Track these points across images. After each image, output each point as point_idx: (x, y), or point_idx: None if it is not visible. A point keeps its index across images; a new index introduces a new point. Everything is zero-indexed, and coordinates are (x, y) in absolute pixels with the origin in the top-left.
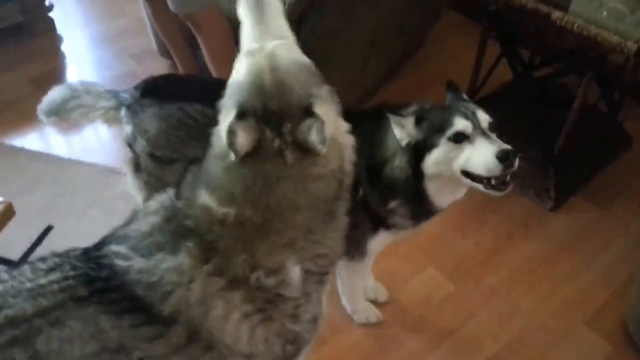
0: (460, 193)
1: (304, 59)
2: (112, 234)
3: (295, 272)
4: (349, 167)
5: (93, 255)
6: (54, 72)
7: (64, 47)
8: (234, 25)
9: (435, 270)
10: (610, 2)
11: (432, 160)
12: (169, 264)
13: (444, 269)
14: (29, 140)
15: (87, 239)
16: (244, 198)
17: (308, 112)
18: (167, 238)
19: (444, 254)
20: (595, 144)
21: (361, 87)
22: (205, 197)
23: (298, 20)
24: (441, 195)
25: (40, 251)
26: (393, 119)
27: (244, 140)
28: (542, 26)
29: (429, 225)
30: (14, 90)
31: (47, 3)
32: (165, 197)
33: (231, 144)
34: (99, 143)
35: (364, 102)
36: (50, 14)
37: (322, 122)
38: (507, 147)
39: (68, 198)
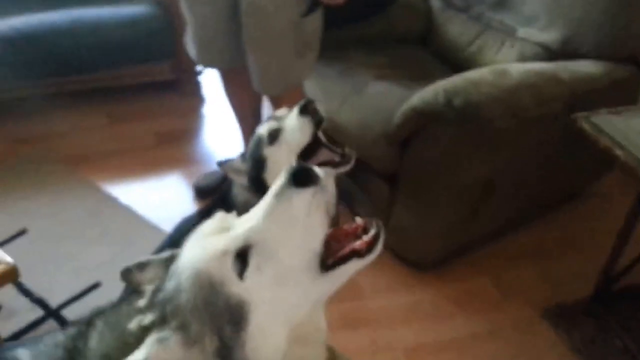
0: None
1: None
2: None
3: None
4: None
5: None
6: (182, 131)
7: (205, 109)
8: None
9: None
10: None
11: (270, 173)
12: None
13: None
14: (126, 192)
15: None
16: None
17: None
18: None
19: None
20: None
21: (463, 237)
22: None
23: (402, 143)
24: None
25: (80, 306)
26: (226, 167)
27: None
28: None
29: None
30: (137, 141)
31: (198, 68)
32: None
33: None
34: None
35: (463, 254)
36: (199, 78)
37: None
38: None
39: (129, 260)
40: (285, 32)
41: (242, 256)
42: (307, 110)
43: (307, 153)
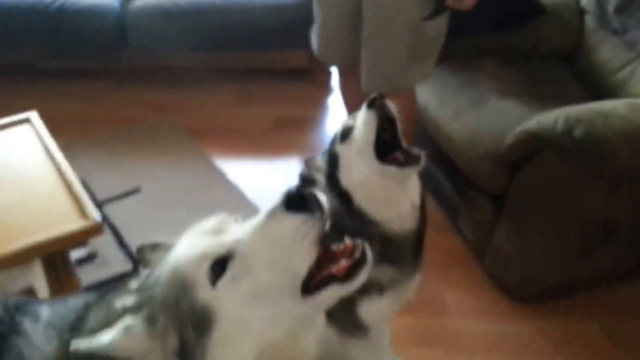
0: (398, 202)
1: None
2: None
3: None
4: None
5: None
6: (303, 119)
7: (331, 100)
8: None
9: None
10: None
11: (342, 172)
12: None
13: None
14: (236, 170)
15: None
16: None
17: None
18: None
19: None
20: None
21: (571, 274)
22: None
23: (513, 165)
24: (375, 205)
25: None
26: (309, 164)
27: None
28: None
29: None
30: (257, 123)
31: None
32: None
33: None
34: None
35: (570, 293)
36: (332, 69)
37: None
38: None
39: None
40: (402, 33)
41: (221, 264)
42: (374, 104)
43: (385, 153)
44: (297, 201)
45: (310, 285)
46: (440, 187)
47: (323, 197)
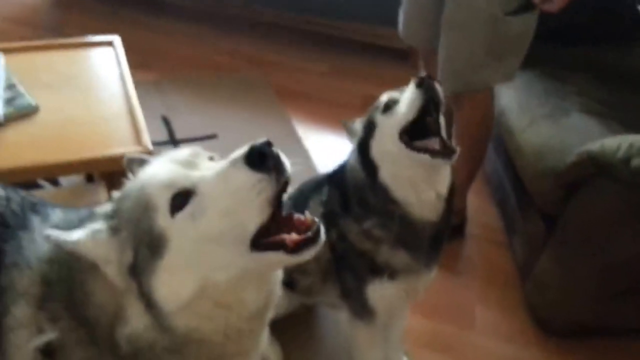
0: (422, 187)
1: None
2: None
3: None
4: None
5: None
6: None
7: None
8: None
9: None
10: None
11: (375, 142)
12: None
13: None
14: (311, 138)
15: None
16: None
17: None
18: None
19: None
20: None
21: (612, 316)
22: None
23: (570, 187)
24: (398, 183)
25: None
26: (346, 126)
27: None
28: None
29: None
30: (345, 97)
31: None
32: None
33: None
34: None
35: (606, 336)
36: None
37: None
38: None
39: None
40: (482, 25)
41: (184, 197)
42: (422, 84)
43: (422, 133)
44: (259, 158)
45: (261, 242)
46: (506, 199)
47: (286, 160)
